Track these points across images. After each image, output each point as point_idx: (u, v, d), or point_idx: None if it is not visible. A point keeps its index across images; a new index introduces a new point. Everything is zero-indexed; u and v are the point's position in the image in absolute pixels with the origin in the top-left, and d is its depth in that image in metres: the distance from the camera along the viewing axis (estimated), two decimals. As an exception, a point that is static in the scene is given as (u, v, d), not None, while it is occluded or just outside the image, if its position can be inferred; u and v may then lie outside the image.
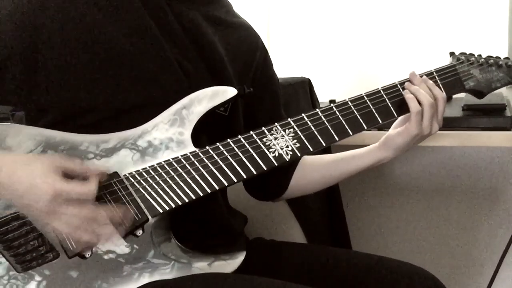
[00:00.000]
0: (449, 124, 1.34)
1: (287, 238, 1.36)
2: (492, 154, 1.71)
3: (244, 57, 1.10)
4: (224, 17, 1.08)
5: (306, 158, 1.17)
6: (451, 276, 1.78)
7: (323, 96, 1.62)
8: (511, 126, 1.28)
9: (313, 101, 1.53)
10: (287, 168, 1.15)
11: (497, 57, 1.10)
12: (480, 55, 1.10)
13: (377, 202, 1.86)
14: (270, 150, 0.92)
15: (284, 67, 1.88)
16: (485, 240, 1.75)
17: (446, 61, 1.10)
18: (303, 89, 1.52)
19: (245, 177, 0.90)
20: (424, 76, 1.03)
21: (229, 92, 0.93)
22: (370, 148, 1.10)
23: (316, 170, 1.15)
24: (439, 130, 1.29)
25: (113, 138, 0.89)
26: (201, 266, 0.90)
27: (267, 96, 1.16)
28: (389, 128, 1.08)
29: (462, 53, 1.09)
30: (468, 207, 1.76)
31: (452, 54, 1.09)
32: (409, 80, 1.03)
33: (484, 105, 1.33)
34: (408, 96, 0.99)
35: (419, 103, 0.99)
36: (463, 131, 1.31)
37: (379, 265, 1.03)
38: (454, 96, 1.48)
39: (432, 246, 1.82)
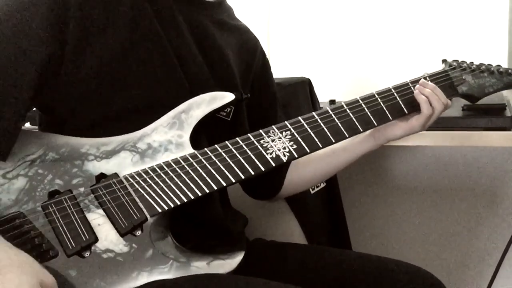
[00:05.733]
0: (449, 124, 1.34)
1: (287, 238, 1.36)
2: (492, 154, 1.71)
3: (246, 59, 1.12)
4: (227, 21, 1.10)
5: None
6: (451, 276, 1.78)
7: (323, 96, 1.62)
8: (511, 126, 1.28)
9: (313, 101, 1.53)
10: (280, 168, 1.15)
11: (489, 64, 1.13)
12: (472, 62, 1.13)
13: (377, 203, 1.86)
14: (268, 151, 0.93)
15: (284, 67, 1.89)
16: (485, 240, 1.75)
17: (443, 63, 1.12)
18: (303, 89, 1.52)
19: (243, 177, 0.91)
20: (433, 84, 1.05)
21: (227, 97, 0.95)
22: (361, 139, 1.12)
23: (309, 166, 1.17)
24: (439, 130, 1.30)
25: (114, 141, 0.91)
26: (199, 265, 0.90)
27: (265, 98, 1.18)
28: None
29: (454, 60, 1.12)
30: (468, 207, 1.76)
31: (444, 61, 1.12)
32: (407, 84, 1.05)
33: (484, 105, 1.34)
34: (421, 97, 1.03)
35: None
36: (463, 131, 1.31)
37: (379, 265, 1.03)
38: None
39: (432, 246, 1.82)
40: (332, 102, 1.56)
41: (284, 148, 0.94)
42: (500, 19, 1.71)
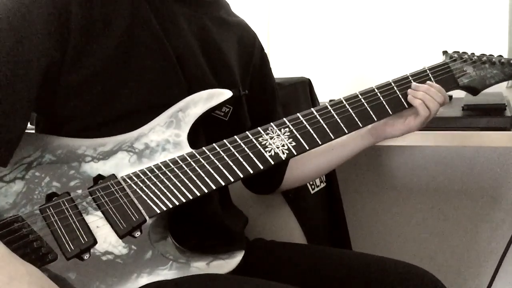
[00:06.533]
0: (449, 124, 1.34)
1: (287, 238, 1.36)
2: (492, 154, 1.71)
3: (244, 55, 1.12)
4: (225, 18, 1.10)
5: None
6: (451, 276, 1.78)
7: (323, 96, 1.62)
8: (511, 126, 1.28)
9: (313, 101, 1.53)
10: (279, 165, 1.16)
11: (491, 55, 1.11)
12: (473, 53, 1.11)
13: (377, 203, 1.86)
14: (266, 149, 0.93)
15: (284, 67, 1.89)
16: (485, 240, 1.75)
17: (443, 55, 1.11)
18: (303, 89, 1.52)
19: (241, 176, 0.90)
20: (428, 84, 1.04)
21: (225, 94, 0.95)
22: (360, 136, 1.13)
23: (308, 162, 1.18)
24: (439, 130, 1.30)
25: (110, 141, 0.90)
26: (199, 265, 0.90)
27: (265, 94, 1.18)
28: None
29: (455, 52, 1.11)
30: (468, 207, 1.76)
31: (445, 52, 1.11)
32: (407, 77, 1.05)
33: (484, 105, 1.33)
34: (415, 101, 1.03)
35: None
36: (463, 131, 1.31)
37: (379, 265, 1.03)
38: (454, 96, 1.49)
39: (432, 246, 1.82)
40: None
41: (283, 145, 0.94)
42: (500, 11, 1.70)
